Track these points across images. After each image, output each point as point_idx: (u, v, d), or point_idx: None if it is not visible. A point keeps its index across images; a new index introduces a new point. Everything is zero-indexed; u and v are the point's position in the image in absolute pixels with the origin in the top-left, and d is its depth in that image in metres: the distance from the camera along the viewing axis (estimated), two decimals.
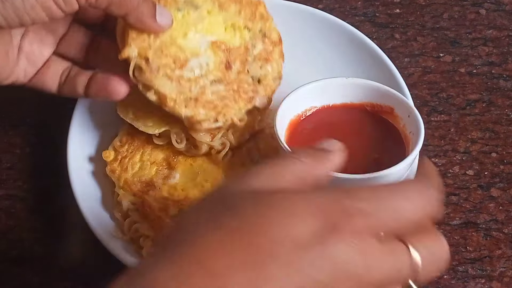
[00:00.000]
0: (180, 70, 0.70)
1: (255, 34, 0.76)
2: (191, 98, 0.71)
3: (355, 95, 0.85)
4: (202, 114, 0.72)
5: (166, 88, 0.70)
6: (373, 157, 0.82)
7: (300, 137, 0.83)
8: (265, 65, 0.77)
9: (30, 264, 0.86)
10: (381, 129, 0.84)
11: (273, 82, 0.77)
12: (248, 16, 0.76)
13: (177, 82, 0.70)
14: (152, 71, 0.69)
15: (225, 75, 0.73)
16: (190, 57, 0.71)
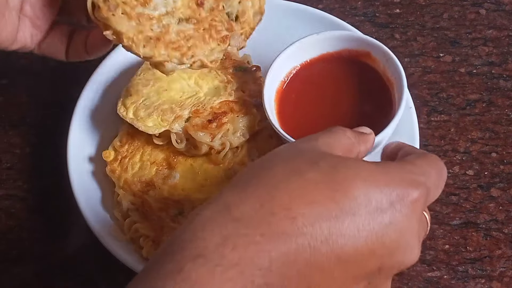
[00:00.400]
0: (142, 8, 0.66)
1: None
2: (152, 38, 0.66)
3: (330, 47, 0.87)
4: (163, 54, 0.67)
5: (123, 26, 0.65)
6: (362, 111, 0.83)
7: (290, 104, 0.86)
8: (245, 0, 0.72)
9: (30, 264, 0.86)
10: (363, 75, 0.86)
11: (253, 18, 0.73)
12: None
13: (137, 20, 0.66)
14: (110, 9, 0.65)
15: (195, 12, 0.68)
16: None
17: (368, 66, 0.86)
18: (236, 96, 0.88)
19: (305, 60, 0.88)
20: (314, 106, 0.86)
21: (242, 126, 0.86)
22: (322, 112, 0.85)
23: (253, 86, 0.89)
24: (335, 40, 0.86)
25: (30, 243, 0.88)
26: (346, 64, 0.87)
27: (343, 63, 0.87)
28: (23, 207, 0.91)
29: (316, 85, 0.87)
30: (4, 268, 0.87)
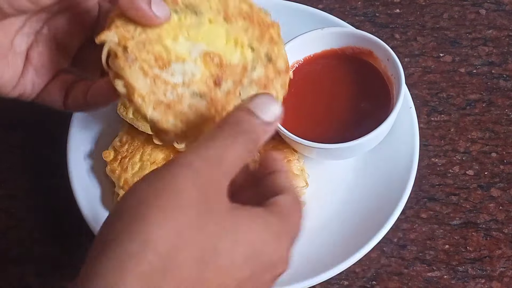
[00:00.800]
0: (160, 70, 0.62)
1: (259, 56, 0.66)
2: (163, 102, 0.62)
3: (334, 43, 0.87)
4: (171, 122, 0.62)
5: (138, 82, 0.62)
6: (361, 107, 0.84)
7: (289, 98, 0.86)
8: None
9: (30, 264, 0.86)
10: (364, 73, 0.87)
11: None
12: (256, 36, 0.66)
13: (153, 80, 0.62)
14: (127, 60, 0.62)
15: (211, 91, 0.64)
16: (174, 60, 0.63)
17: (369, 65, 0.87)
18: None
19: (309, 55, 0.88)
20: (313, 101, 0.86)
21: None
22: (320, 108, 0.86)
23: None
24: (340, 36, 0.87)
25: (30, 243, 0.88)
26: (347, 61, 0.87)
27: (345, 60, 0.87)
28: (23, 207, 0.91)
29: (316, 80, 0.88)
30: (4, 268, 0.87)
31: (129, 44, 0.62)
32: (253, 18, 0.66)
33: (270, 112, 0.56)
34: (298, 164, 0.86)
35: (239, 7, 0.65)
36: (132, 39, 0.62)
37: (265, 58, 0.66)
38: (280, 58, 0.66)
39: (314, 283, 0.79)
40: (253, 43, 0.66)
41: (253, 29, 0.66)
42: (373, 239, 0.80)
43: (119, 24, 0.63)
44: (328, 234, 0.83)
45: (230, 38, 0.65)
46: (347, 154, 0.86)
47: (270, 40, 0.66)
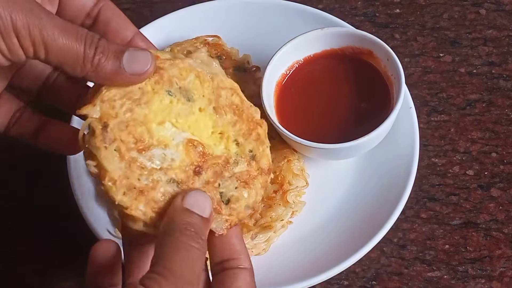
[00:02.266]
0: (138, 154, 0.59)
1: (243, 152, 0.65)
2: (136, 188, 0.59)
3: (334, 43, 0.87)
4: (141, 210, 0.59)
5: (111, 165, 0.59)
6: (361, 107, 0.84)
7: (289, 98, 0.87)
8: (242, 188, 0.64)
9: (30, 264, 0.86)
10: (364, 73, 0.87)
11: (244, 210, 0.64)
12: (243, 131, 0.65)
13: (128, 164, 0.59)
14: (104, 140, 0.59)
15: (189, 179, 0.61)
16: (156, 144, 0.60)
17: (369, 65, 0.87)
18: None
19: (309, 55, 0.88)
20: (313, 101, 0.86)
21: None
22: (320, 108, 0.86)
23: (253, 87, 0.89)
24: (340, 37, 0.87)
25: (30, 243, 0.88)
26: (348, 61, 0.87)
27: (345, 60, 0.88)
28: (23, 207, 0.91)
29: (316, 80, 0.88)
30: (4, 268, 0.87)
31: (110, 122, 0.59)
32: (243, 113, 0.65)
33: (206, 209, 0.58)
34: (298, 164, 0.86)
35: (230, 99, 0.65)
36: (115, 117, 0.59)
37: (249, 155, 0.65)
38: (264, 158, 0.65)
39: (314, 283, 0.79)
40: (239, 138, 0.64)
41: (241, 124, 0.65)
42: (373, 239, 0.80)
43: (106, 97, 0.59)
44: (328, 234, 0.83)
45: (217, 129, 0.64)
46: (347, 154, 0.86)
47: (256, 138, 0.65)
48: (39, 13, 0.56)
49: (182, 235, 0.55)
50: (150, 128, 0.60)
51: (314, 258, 0.82)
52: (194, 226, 0.56)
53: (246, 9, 0.98)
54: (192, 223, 0.56)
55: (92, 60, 0.57)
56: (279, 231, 0.84)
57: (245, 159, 0.64)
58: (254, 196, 0.64)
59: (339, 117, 0.85)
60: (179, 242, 0.55)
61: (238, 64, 0.92)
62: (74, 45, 0.57)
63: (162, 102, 0.61)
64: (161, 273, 0.53)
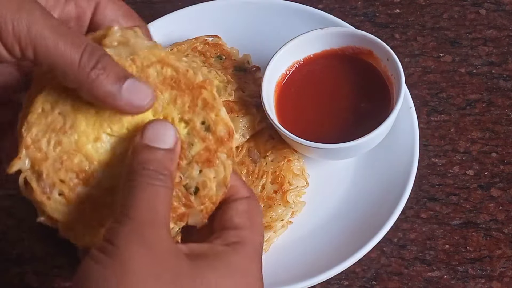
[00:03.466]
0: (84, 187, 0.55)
1: (194, 128, 0.57)
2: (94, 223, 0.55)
3: (334, 43, 0.87)
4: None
5: (59, 215, 0.55)
6: (361, 107, 0.84)
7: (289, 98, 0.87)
8: (207, 169, 0.57)
9: (30, 264, 0.86)
10: (364, 73, 0.87)
11: (215, 191, 0.58)
12: (187, 104, 0.57)
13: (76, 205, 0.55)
14: (44, 190, 0.55)
15: None
16: (99, 167, 0.55)
17: (369, 65, 0.87)
18: (236, 96, 0.88)
19: (309, 55, 0.88)
20: (313, 101, 0.86)
21: (242, 126, 0.86)
22: (320, 108, 0.86)
23: (253, 86, 0.89)
24: (339, 37, 0.87)
25: (30, 243, 0.88)
26: (347, 61, 0.87)
27: (345, 60, 0.88)
28: (23, 207, 0.91)
29: (316, 80, 0.88)
30: (4, 268, 0.87)
31: (43, 167, 0.54)
32: (180, 83, 0.57)
33: (168, 139, 0.54)
34: (298, 164, 0.86)
35: (162, 74, 0.57)
36: (46, 159, 0.55)
37: (202, 128, 0.57)
38: (219, 124, 0.57)
39: (314, 283, 0.79)
40: (184, 115, 0.57)
41: (182, 97, 0.57)
42: (373, 239, 0.80)
43: (29, 140, 0.55)
44: (328, 234, 0.83)
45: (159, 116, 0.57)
46: (347, 154, 0.86)
47: (204, 105, 0.57)
48: (32, 9, 0.52)
49: (140, 176, 0.51)
50: (86, 153, 0.55)
51: (314, 258, 0.82)
52: (153, 163, 0.52)
53: (246, 9, 0.98)
54: (150, 160, 0.52)
55: (89, 73, 0.52)
56: (279, 231, 0.84)
57: (198, 136, 0.57)
58: (223, 171, 0.57)
59: (339, 117, 0.85)
60: (136, 183, 0.51)
61: (238, 64, 0.92)
62: (68, 51, 0.52)
63: (88, 117, 0.55)
64: (118, 220, 0.50)
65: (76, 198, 0.54)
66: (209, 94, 0.57)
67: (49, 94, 0.56)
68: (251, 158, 0.85)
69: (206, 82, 0.57)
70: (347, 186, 0.87)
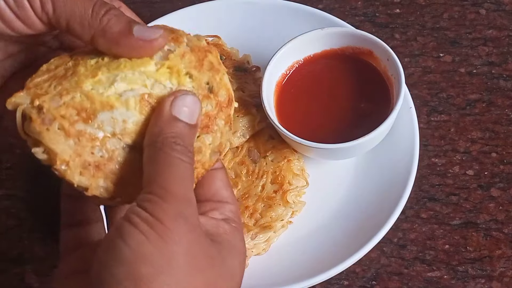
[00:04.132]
0: (84, 125, 0.54)
1: (199, 85, 0.56)
2: (91, 164, 0.54)
3: (334, 43, 0.87)
4: (101, 186, 0.55)
5: (59, 145, 0.54)
6: (361, 107, 0.84)
7: (289, 98, 0.87)
8: (203, 135, 0.56)
9: (30, 264, 0.86)
10: (364, 73, 0.87)
11: (209, 159, 0.57)
12: (193, 63, 0.56)
13: (76, 139, 0.54)
14: (43, 122, 0.53)
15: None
16: (100, 108, 0.54)
17: (369, 65, 0.87)
18: (236, 96, 0.87)
19: (309, 55, 0.88)
20: (313, 101, 0.86)
21: (242, 126, 0.86)
22: (321, 108, 0.86)
23: (253, 87, 0.89)
24: (339, 37, 0.87)
25: (30, 243, 0.88)
26: (347, 61, 0.87)
27: (345, 60, 0.88)
28: (23, 207, 0.91)
29: (315, 80, 0.88)
30: (4, 268, 0.87)
31: (44, 101, 0.54)
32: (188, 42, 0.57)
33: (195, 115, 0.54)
34: (298, 164, 0.86)
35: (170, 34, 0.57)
36: (45, 94, 0.54)
37: (205, 88, 0.57)
38: (221, 89, 0.57)
39: (314, 283, 0.79)
40: (191, 70, 0.56)
41: (189, 54, 0.56)
42: (373, 239, 0.80)
43: (31, 84, 0.55)
44: (328, 234, 0.83)
45: (163, 65, 0.56)
46: (347, 154, 0.86)
47: (210, 67, 0.57)
48: None
49: (173, 150, 0.52)
50: (86, 91, 0.54)
51: (314, 258, 0.82)
52: (183, 138, 0.53)
53: (246, 9, 0.98)
54: (180, 134, 0.53)
55: (102, 18, 0.55)
56: (279, 231, 0.84)
57: (202, 95, 0.56)
58: (219, 138, 0.57)
59: (339, 117, 0.85)
60: (171, 158, 0.52)
61: (238, 64, 0.92)
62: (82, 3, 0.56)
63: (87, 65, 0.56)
64: (159, 193, 0.50)
65: (76, 133, 0.54)
66: (215, 58, 0.58)
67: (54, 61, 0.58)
68: (251, 158, 0.85)
69: (211, 47, 0.58)
70: (347, 186, 0.87)
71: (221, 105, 0.57)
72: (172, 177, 0.51)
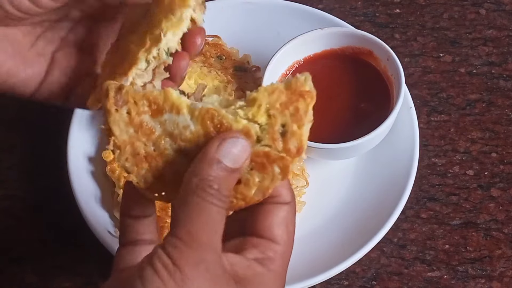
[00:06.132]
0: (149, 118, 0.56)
1: (272, 126, 0.54)
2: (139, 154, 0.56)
3: (334, 43, 0.87)
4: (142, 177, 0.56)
5: (118, 129, 0.56)
6: (361, 107, 0.84)
7: None
8: (256, 171, 0.55)
9: (30, 264, 0.86)
10: (364, 73, 0.87)
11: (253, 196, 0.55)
12: (280, 102, 0.55)
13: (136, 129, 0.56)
14: (117, 102, 0.56)
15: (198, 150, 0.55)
16: (168, 109, 0.56)
17: (369, 65, 0.87)
18: (236, 96, 0.88)
19: (309, 55, 0.88)
20: None
21: None
22: (321, 108, 0.85)
23: (253, 87, 0.89)
24: (340, 37, 0.87)
25: (30, 243, 0.88)
26: (347, 61, 0.88)
27: (345, 60, 0.88)
28: (23, 207, 0.91)
29: (316, 80, 0.87)
30: (4, 268, 0.87)
31: (126, 87, 0.56)
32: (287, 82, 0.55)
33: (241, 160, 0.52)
34: (298, 164, 0.86)
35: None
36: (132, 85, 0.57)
37: (279, 130, 0.54)
38: (295, 138, 0.54)
39: (314, 283, 0.79)
40: (272, 109, 0.54)
41: (280, 93, 0.55)
42: (373, 239, 0.80)
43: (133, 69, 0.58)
44: (328, 234, 0.83)
45: (250, 95, 0.55)
46: (347, 154, 0.86)
47: (294, 112, 0.54)
48: None
49: (207, 194, 0.51)
50: (168, 91, 0.56)
51: (314, 258, 0.82)
52: (221, 182, 0.51)
53: (246, 9, 0.98)
54: (218, 178, 0.51)
55: None
56: None
57: (270, 136, 0.54)
58: (269, 183, 0.54)
59: (339, 117, 0.85)
60: (204, 202, 0.51)
61: (238, 64, 0.92)
62: None
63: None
64: (184, 239, 0.50)
65: (138, 123, 0.56)
66: (305, 106, 0.55)
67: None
68: None
69: (309, 94, 0.55)
70: (347, 186, 0.87)
71: (288, 152, 0.54)
72: (200, 223, 0.50)
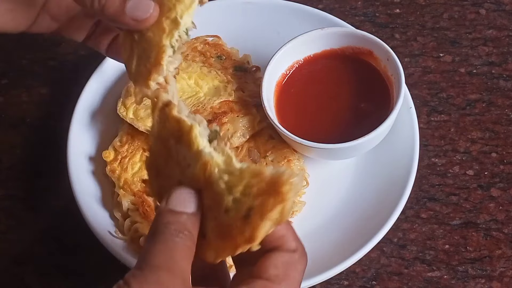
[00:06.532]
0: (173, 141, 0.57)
1: (241, 204, 0.53)
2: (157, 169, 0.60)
3: (334, 43, 0.87)
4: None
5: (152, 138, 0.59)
6: (361, 107, 0.84)
7: (289, 98, 0.87)
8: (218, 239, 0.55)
9: (30, 264, 0.86)
10: (364, 73, 0.87)
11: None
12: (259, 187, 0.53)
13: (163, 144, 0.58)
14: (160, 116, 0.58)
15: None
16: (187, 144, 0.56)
17: (369, 65, 0.87)
18: (236, 96, 0.88)
19: (309, 55, 0.88)
20: (313, 101, 0.87)
21: (242, 126, 0.86)
22: (320, 108, 0.86)
23: (253, 87, 0.89)
24: (339, 37, 0.87)
25: (30, 243, 0.88)
26: (347, 61, 0.88)
27: (345, 60, 0.88)
28: (23, 207, 0.91)
29: (316, 80, 0.88)
30: (4, 268, 0.87)
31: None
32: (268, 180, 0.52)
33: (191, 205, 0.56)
34: (298, 164, 0.86)
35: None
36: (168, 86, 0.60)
37: (243, 212, 0.52)
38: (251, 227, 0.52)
39: (314, 283, 0.79)
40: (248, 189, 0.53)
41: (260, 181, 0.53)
42: (373, 239, 0.80)
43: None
44: (328, 234, 0.83)
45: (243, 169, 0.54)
46: (347, 154, 0.86)
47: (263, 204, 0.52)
48: None
49: (162, 233, 0.55)
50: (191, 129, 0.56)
51: (314, 258, 0.81)
52: (175, 224, 0.55)
53: (246, 9, 0.98)
54: (172, 221, 0.55)
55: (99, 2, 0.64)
56: None
57: (236, 213, 0.53)
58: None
59: (339, 117, 0.85)
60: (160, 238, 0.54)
61: (238, 64, 0.92)
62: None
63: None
64: (138, 266, 0.53)
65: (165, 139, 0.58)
66: (273, 205, 0.52)
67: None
68: (251, 158, 0.85)
69: (282, 196, 0.52)
70: (347, 186, 0.87)
71: (241, 235, 0.53)
72: (155, 251, 0.53)
